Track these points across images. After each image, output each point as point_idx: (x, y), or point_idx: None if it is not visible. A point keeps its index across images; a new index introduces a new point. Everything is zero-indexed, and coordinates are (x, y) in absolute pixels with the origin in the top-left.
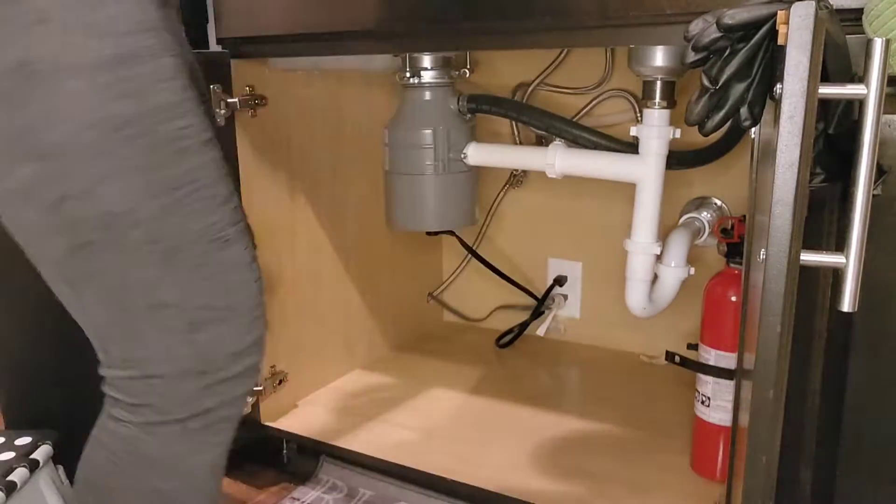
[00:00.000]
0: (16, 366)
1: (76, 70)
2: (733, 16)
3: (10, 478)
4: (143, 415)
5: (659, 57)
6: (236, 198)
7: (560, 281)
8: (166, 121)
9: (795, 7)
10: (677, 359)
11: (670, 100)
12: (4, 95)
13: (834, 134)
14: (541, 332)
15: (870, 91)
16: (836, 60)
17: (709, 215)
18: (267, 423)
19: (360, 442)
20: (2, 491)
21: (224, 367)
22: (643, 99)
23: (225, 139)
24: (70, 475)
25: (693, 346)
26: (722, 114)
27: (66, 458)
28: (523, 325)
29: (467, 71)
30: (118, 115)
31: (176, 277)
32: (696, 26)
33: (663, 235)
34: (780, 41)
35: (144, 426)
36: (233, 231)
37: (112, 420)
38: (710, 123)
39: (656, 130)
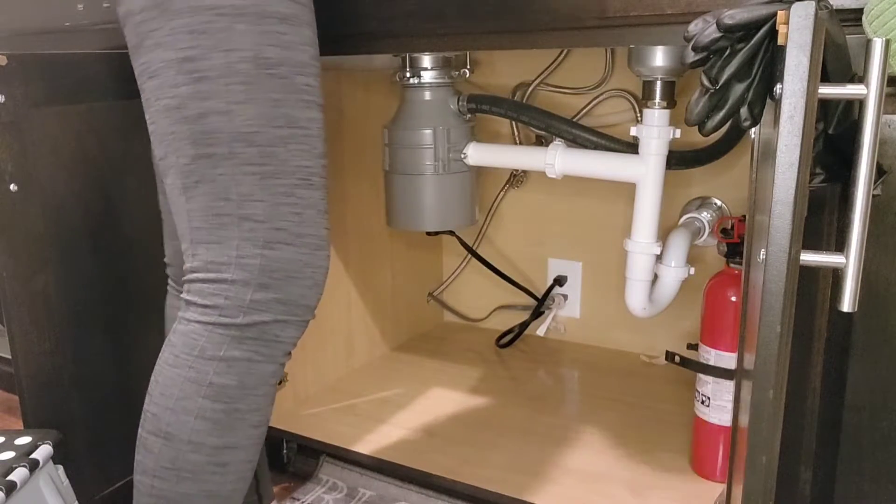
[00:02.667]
0: (37, 372)
1: (249, 16)
2: (733, 16)
3: (9, 478)
4: (210, 315)
5: (659, 57)
6: (326, 161)
7: (560, 281)
8: (300, 74)
9: (795, 7)
10: (677, 359)
11: (670, 100)
12: (188, 28)
13: (834, 134)
14: (541, 332)
15: (870, 91)
16: (836, 60)
17: (709, 215)
18: None
19: (360, 442)
20: (2, 491)
21: (281, 287)
22: (643, 99)
23: None
24: (70, 475)
25: (693, 346)
26: (722, 114)
27: (67, 458)
28: (523, 325)
29: (467, 71)
30: (268, 56)
31: (267, 197)
32: (696, 26)
33: (663, 235)
34: (780, 41)
35: (209, 326)
36: (318, 180)
37: (183, 322)
38: (710, 123)
39: (656, 130)
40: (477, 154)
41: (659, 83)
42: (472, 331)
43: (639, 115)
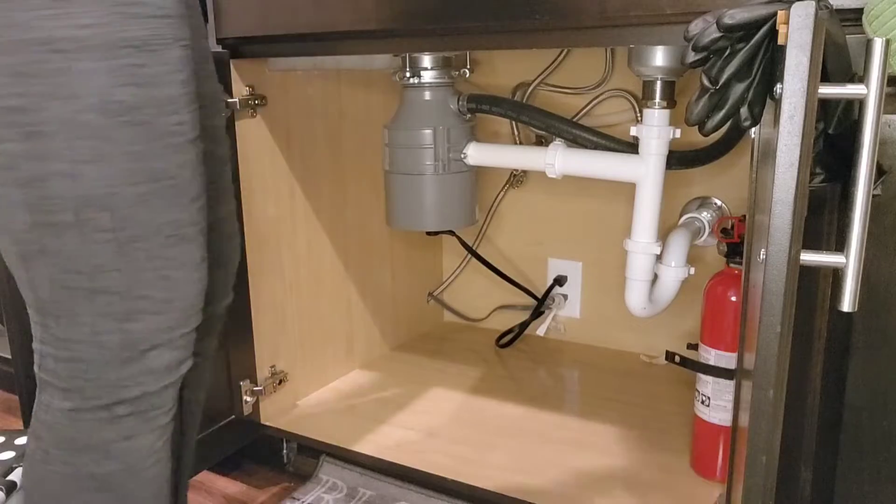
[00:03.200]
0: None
1: (94, 50)
2: (733, 16)
3: (9, 477)
4: (72, 400)
5: (659, 57)
6: (204, 198)
7: (560, 281)
8: (165, 114)
9: (795, 7)
10: (677, 359)
11: (670, 100)
12: (12, 69)
13: (834, 134)
14: (541, 332)
15: (870, 91)
16: (836, 60)
17: (709, 215)
18: (267, 423)
19: (360, 442)
20: (2, 491)
21: (148, 358)
22: (643, 99)
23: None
24: None
25: (693, 346)
26: (722, 114)
27: None
28: (523, 325)
29: (467, 71)
30: (121, 100)
31: (125, 265)
32: (696, 26)
33: (663, 235)
34: (780, 41)
35: (71, 412)
36: (192, 230)
37: (43, 409)
38: (710, 123)
39: (656, 130)
40: (477, 154)
41: (659, 83)
42: (472, 331)
43: (639, 115)
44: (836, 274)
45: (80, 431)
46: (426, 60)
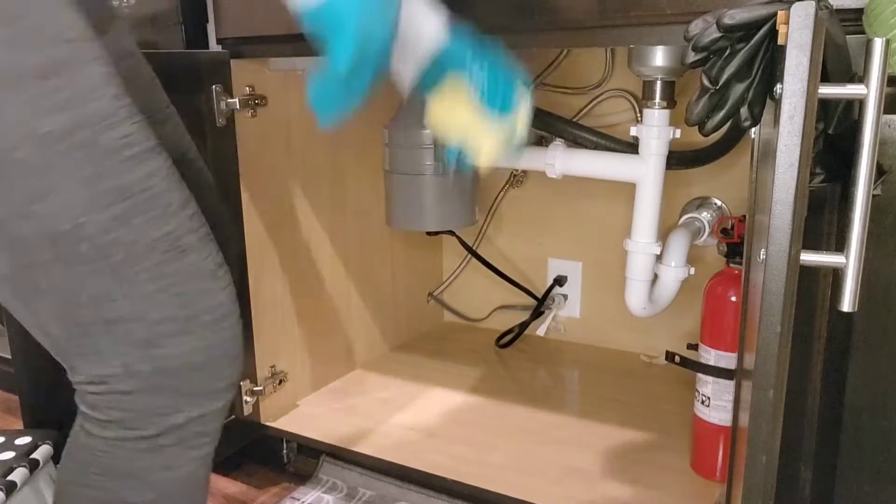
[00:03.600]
0: (36, 371)
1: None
2: (733, 16)
3: (10, 478)
4: (113, 429)
5: (659, 57)
6: (193, 204)
7: (560, 281)
8: (106, 129)
9: (795, 7)
10: (677, 359)
11: (670, 100)
12: None
13: (834, 134)
14: (541, 332)
15: (870, 91)
16: (836, 60)
17: (709, 215)
18: (267, 423)
19: (360, 442)
20: (2, 491)
21: (188, 381)
22: (643, 99)
23: (225, 139)
24: None
25: (693, 346)
26: (722, 114)
27: None
28: (523, 325)
29: None
30: (50, 130)
31: (129, 291)
32: (696, 26)
33: (663, 235)
34: (780, 41)
35: (114, 441)
36: (192, 239)
37: (83, 433)
38: (710, 123)
39: (656, 130)
40: None
41: (659, 83)
42: (472, 331)
43: (639, 115)
44: (836, 274)
45: (119, 459)
46: None
